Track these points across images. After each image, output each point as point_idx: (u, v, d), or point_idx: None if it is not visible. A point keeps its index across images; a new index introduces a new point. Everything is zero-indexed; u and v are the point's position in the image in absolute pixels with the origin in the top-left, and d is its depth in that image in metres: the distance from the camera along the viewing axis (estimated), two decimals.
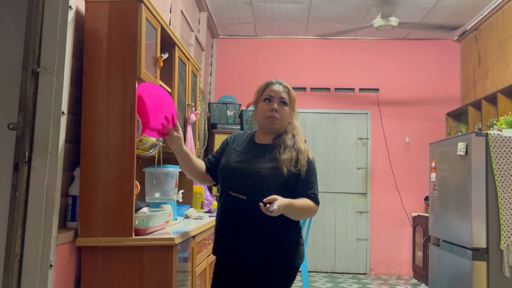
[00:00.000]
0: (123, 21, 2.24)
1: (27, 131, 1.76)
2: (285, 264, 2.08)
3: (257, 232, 2.04)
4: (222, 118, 5.60)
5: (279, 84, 2.19)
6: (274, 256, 2.05)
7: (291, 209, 1.98)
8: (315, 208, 2.10)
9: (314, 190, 2.11)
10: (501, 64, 5.06)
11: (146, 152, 2.60)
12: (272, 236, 2.04)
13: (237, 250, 2.08)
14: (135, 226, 2.18)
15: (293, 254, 2.10)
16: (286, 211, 1.96)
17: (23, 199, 1.74)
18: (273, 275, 2.06)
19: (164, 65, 2.74)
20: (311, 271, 6.15)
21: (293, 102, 2.20)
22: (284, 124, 2.18)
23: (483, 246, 3.27)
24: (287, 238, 2.08)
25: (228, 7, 5.52)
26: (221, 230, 2.14)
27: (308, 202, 2.07)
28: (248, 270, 2.07)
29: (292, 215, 2.03)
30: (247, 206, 2.03)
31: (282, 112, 2.15)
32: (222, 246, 2.14)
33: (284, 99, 2.16)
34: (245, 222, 2.05)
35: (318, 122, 6.43)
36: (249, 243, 2.05)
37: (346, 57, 6.44)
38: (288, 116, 2.18)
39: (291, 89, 2.20)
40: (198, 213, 3.26)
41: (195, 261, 2.62)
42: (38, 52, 1.80)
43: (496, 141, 3.32)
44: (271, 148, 2.13)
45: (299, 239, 2.15)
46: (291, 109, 2.19)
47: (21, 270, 1.72)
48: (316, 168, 2.18)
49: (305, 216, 2.09)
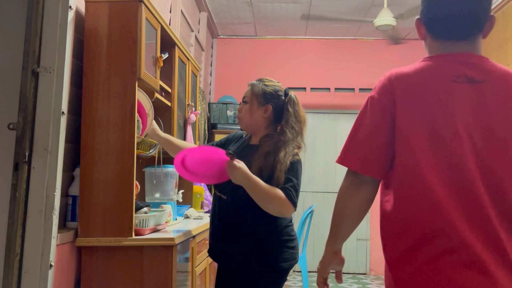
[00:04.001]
0: (123, 21, 2.24)
1: (27, 131, 1.76)
2: (267, 266, 1.99)
3: (237, 231, 2.02)
4: (222, 118, 5.60)
5: (248, 85, 2.15)
6: (255, 257, 1.99)
7: (253, 184, 1.88)
8: (285, 201, 1.88)
9: (289, 185, 1.91)
10: (501, 64, 5.05)
11: (146, 152, 2.60)
12: (252, 236, 2.00)
13: (220, 250, 2.09)
14: (135, 226, 2.18)
15: (276, 256, 1.99)
16: (247, 184, 1.89)
17: (23, 199, 1.74)
18: (255, 277, 2.01)
19: (164, 65, 2.74)
20: (311, 271, 6.15)
21: (255, 97, 2.08)
22: (250, 123, 2.10)
23: None
24: (269, 239, 2.01)
25: (228, 7, 5.52)
26: (210, 231, 2.16)
27: (277, 191, 1.89)
28: (233, 271, 2.06)
29: (255, 195, 1.90)
30: (228, 205, 2.03)
31: (243, 111, 2.11)
32: (210, 246, 2.16)
33: (244, 98, 2.13)
34: (226, 221, 2.04)
35: (318, 122, 6.43)
36: (229, 243, 2.04)
37: (346, 57, 6.44)
38: (247, 112, 2.09)
39: (256, 85, 2.10)
40: (198, 213, 3.26)
41: (195, 261, 2.62)
42: (38, 52, 1.80)
43: None
44: (257, 149, 2.08)
45: (286, 242, 2.03)
46: (253, 104, 2.08)
47: (21, 270, 1.72)
48: (301, 170, 2.01)
49: (271, 205, 1.90)
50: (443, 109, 1.26)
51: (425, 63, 1.35)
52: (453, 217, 1.22)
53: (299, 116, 2.10)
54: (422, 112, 1.28)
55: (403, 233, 1.28)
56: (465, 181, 1.23)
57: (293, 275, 5.99)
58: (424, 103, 1.28)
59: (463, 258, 1.20)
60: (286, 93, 2.12)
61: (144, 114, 2.39)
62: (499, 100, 1.28)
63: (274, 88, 2.11)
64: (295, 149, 2.02)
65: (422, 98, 1.29)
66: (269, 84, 2.11)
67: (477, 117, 1.26)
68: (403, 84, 1.31)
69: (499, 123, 1.26)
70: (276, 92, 2.10)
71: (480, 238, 1.21)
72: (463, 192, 1.23)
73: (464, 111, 1.26)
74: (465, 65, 1.31)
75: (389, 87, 1.32)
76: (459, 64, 1.32)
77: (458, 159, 1.24)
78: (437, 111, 1.27)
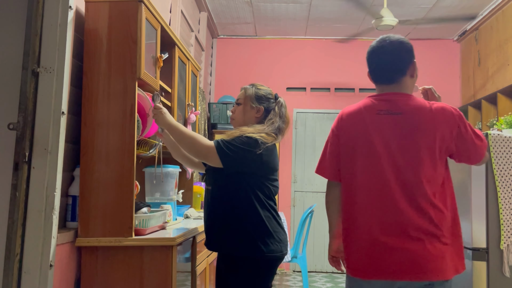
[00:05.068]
0: (123, 21, 2.24)
1: (27, 131, 1.76)
2: (246, 253, 2.08)
3: (214, 216, 2.17)
4: (222, 118, 5.60)
5: (241, 89, 2.35)
6: (234, 243, 2.10)
7: (176, 127, 2.16)
8: (209, 145, 2.09)
9: (220, 140, 2.10)
10: (501, 64, 5.06)
11: (146, 152, 2.60)
12: (229, 220, 2.12)
13: (206, 236, 2.24)
14: (135, 226, 2.18)
15: (257, 244, 2.07)
16: (171, 127, 2.17)
17: (23, 199, 1.74)
18: (236, 263, 2.11)
19: (164, 65, 2.74)
20: (311, 271, 6.15)
21: (249, 98, 2.28)
22: (242, 123, 2.28)
23: (483, 246, 3.27)
24: (249, 226, 2.09)
25: (228, 7, 5.52)
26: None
27: (198, 135, 2.16)
28: (219, 257, 2.23)
29: (179, 138, 2.17)
30: (210, 195, 2.20)
31: (237, 112, 2.31)
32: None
33: (238, 100, 2.32)
34: (207, 209, 2.21)
35: (318, 122, 6.43)
36: (209, 228, 2.20)
37: (346, 57, 6.44)
38: (240, 113, 2.29)
39: (249, 88, 2.31)
40: (198, 213, 3.26)
41: (195, 261, 2.62)
42: (38, 52, 1.80)
43: (496, 141, 3.32)
44: None
45: (272, 233, 2.12)
46: (246, 105, 2.28)
47: (21, 270, 1.72)
48: (248, 143, 2.10)
49: (195, 147, 2.12)
50: (371, 133, 1.84)
51: (364, 101, 1.95)
52: (374, 215, 1.82)
53: (284, 116, 2.29)
54: (357, 137, 1.88)
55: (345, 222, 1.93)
56: (386, 190, 1.80)
57: (293, 275, 5.99)
58: (358, 131, 1.88)
59: (379, 237, 1.79)
60: (276, 97, 2.33)
61: (144, 114, 2.39)
62: (411, 127, 1.81)
63: (266, 91, 2.31)
64: (262, 133, 2.16)
65: (356, 127, 1.90)
66: (261, 88, 2.31)
67: (395, 138, 1.81)
68: (346, 120, 1.94)
69: (410, 142, 1.80)
70: (267, 95, 2.30)
71: (392, 224, 1.79)
72: (385, 198, 1.81)
73: (385, 134, 1.82)
74: (386, 102, 1.88)
75: (340, 122, 1.96)
76: (382, 101, 1.89)
77: (383, 174, 1.81)
78: (367, 134, 1.85)
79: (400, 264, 1.74)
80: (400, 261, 1.74)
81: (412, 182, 1.78)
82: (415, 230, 1.75)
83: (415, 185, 1.77)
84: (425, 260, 1.73)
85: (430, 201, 1.77)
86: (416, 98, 1.91)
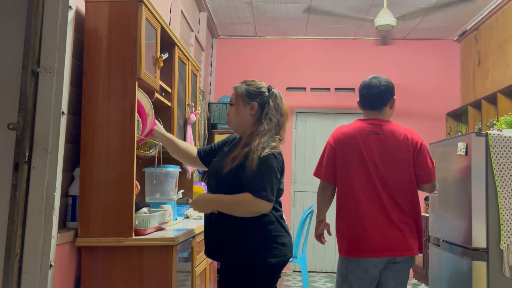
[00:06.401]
0: (123, 21, 2.24)
1: (27, 131, 1.76)
2: (250, 261, 2.05)
3: (219, 227, 2.12)
4: (222, 118, 5.60)
5: (233, 89, 2.26)
6: (238, 252, 2.06)
7: (216, 201, 2.08)
8: (253, 201, 1.99)
9: (256, 185, 1.99)
10: (501, 64, 5.06)
11: (146, 152, 2.60)
12: (233, 231, 2.07)
13: (209, 246, 2.20)
14: (135, 226, 2.18)
15: (261, 251, 2.04)
16: (212, 205, 2.08)
17: (23, 199, 1.74)
18: (240, 272, 2.08)
19: (164, 65, 2.74)
20: (311, 271, 6.15)
21: (240, 96, 2.19)
22: (238, 123, 2.20)
23: (483, 246, 3.27)
24: (253, 234, 2.05)
25: (228, 7, 5.52)
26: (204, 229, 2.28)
27: (239, 196, 2.02)
28: (222, 266, 2.18)
29: (224, 209, 2.06)
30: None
31: (231, 113, 2.23)
32: (205, 243, 2.27)
33: (231, 101, 2.24)
34: (211, 218, 2.16)
35: (318, 122, 6.43)
36: (214, 238, 2.15)
37: (346, 57, 6.44)
38: (235, 113, 2.20)
39: (239, 87, 2.22)
40: (198, 213, 3.25)
41: (195, 261, 2.62)
42: (38, 52, 1.80)
43: (496, 141, 3.32)
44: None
45: (275, 237, 2.08)
46: (238, 104, 2.19)
47: (21, 270, 1.72)
48: (277, 164, 2.07)
49: (242, 209, 2.03)
50: (362, 149, 2.49)
51: (355, 123, 2.58)
52: (366, 208, 2.45)
53: (281, 109, 2.18)
54: (351, 150, 2.50)
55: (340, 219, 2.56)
56: (373, 189, 2.46)
57: (293, 275, 5.99)
58: (352, 146, 2.51)
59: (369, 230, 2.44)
60: (269, 89, 2.20)
61: (144, 114, 2.39)
62: (389, 145, 2.50)
63: (256, 86, 2.20)
64: (273, 141, 2.08)
65: (350, 143, 2.52)
66: (251, 84, 2.22)
67: (378, 152, 2.49)
68: (341, 137, 2.55)
69: (389, 156, 2.48)
70: (259, 89, 2.19)
71: (379, 215, 2.45)
72: (373, 195, 2.46)
73: (372, 149, 2.48)
74: (372, 125, 2.55)
75: (335, 138, 2.57)
76: (370, 124, 2.55)
77: (371, 177, 2.46)
78: (359, 150, 2.49)
79: (387, 243, 2.40)
80: (387, 241, 2.40)
81: (391, 185, 2.45)
82: (395, 219, 2.43)
83: (393, 186, 2.45)
84: (404, 241, 2.42)
85: (405, 197, 2.47)
86: (393, 123, 2.58)
